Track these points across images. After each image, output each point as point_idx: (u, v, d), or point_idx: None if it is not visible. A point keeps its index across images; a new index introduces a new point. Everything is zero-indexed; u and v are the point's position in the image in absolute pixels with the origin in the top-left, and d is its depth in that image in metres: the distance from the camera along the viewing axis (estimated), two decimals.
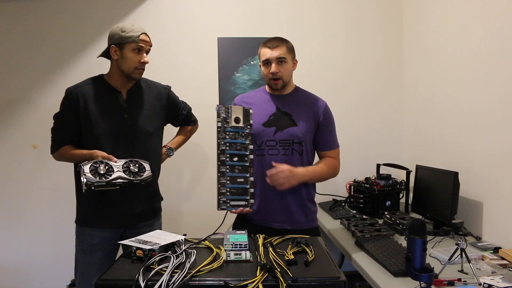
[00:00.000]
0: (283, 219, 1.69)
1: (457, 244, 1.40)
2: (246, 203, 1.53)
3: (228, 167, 1.51)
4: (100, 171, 1.50)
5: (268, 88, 1.79)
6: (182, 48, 2.67)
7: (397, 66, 2.79)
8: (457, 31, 2.12)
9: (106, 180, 1.50)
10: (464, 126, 2.05)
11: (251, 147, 1.57)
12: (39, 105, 2.58)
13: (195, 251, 1.24)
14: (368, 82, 2.78)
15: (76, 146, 1.69)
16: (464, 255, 1.38)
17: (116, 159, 1.57)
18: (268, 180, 1.59)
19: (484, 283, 1.29)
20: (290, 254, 1.22)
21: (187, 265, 1.13)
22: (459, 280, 1.33)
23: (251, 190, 1.55)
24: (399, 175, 2.54)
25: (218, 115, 1.52)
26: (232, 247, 1.26)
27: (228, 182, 1.51)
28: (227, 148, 1.53)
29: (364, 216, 2.19)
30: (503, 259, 1.53)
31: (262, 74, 1.75)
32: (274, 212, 1.69)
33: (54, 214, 2.61)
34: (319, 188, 1.85)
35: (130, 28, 1.64)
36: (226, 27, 2.68)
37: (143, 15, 2.64)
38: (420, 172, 2.22)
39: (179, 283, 1.03)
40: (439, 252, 1.59)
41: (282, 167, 1.59)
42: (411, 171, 2.34)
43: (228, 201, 1.50)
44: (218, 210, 1.51)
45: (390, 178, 2.38)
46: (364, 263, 1.55)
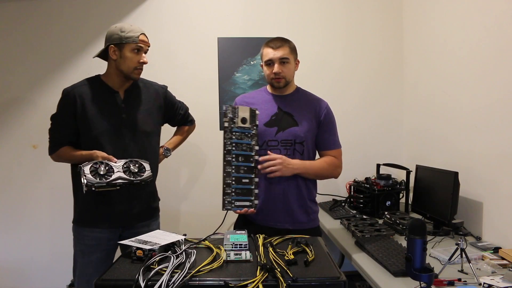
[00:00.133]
0: (285, 219, 1.69)
1: (457, 244, 1.40)
2: (251, 203, 1.53)
3: (233, 168, 1.51)
4: (100, 172, 1.50)
5: (270, 88, 1.79)
6: (182, 48, 2.67)
7: (397, 66, 2.79)
8: (457, 31, 2.12)
9: (107, 181, 1.49)
10: (464, 126, 2.05)
11: (257, 147, 1.58)
12: (39, 105, 2.58)
13: (195, 251, 1.24)
14: (368, 82, 2.78)
15: (74, 147, 1.68)
16: (464, 255, 1.39)
17: (116, 159, 1.58)
18: (259, 167, 1.58)
19: (484, 283, 1.29)
20: (290, 254, 1.22)
21: (187, 265, 1.13)
22: (459, 280, 1.33)
23: (256, 191, 1.55)
24: (399, 175, 2.54)
25: (225, 115, 1.52)
26: (232, 247, 1.26)
27: (233, 183, 1.51)
28: (233, 148, 1.52)
29: (364, 216, 2.19)
30: (503, 259, 1.53)
31: (264, 74, 1.76)
32: (276, 212, 1.69)
33: (54, 214, 2.62)
34: (319, 188, 1.85)
35: (129, 28, 1.64)
36: (226, 27, 2.68)
37: (143, 15, 2.64)
38: (420, 172, 2.22)
39: (179, 283, 1.03)
40: (439, 252, 1.59)
41: (275, 155, 1.59)
42: (411, 171, 2.34)
43: (233, 201, 1.51)
44: (223, 210, 1.51)
45: (390, 178, 2.38)
46: (364, 263, 1.55)
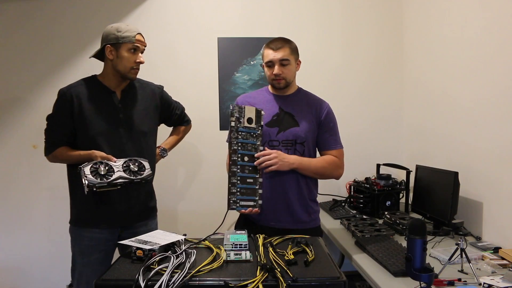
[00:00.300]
0: (286, 219, 1.69)
1: (457, 244, 1.40)
2: (255, 203, 1.53)
3: (239, 167, 1.52)
4: (101, 172, 1.50)
5: (271, 88, 1.79)
6: (182, 48, 2.67)
7: (397, 64, 2.78)
8: (458, 26, 2.10)
9: (108, 180, 1.50)
10: (464, 126, 2.05)
11: (261, 148, 1.58)
12: (39, 105, 2.58)
13: (195, 251, 1.24)
14: (367, 80, 2.77)
15: (70, 147, 1.68)
16: (464, 255, 1.38)
17: (116, 159, 1.58)
18: (255, 163, 1.57)
19: (484, 283, 1.29)
20: (290, 254, 1.22)
21: (187, 265, 1.13)
22: (459, 280, 1.33)
23: (260, 191, 1.55)
24: (399, 175, 2.54)
25: (232, 115, 1.53)
26: (232, 247, 1.26)
27: (238, 182, 1.51)
28: (239, 148, 1.53)
29: (364, 216, 2.19)
30: (503, 259, 1.53)
31: (265, 74, 1.76)
32: (277, 212, 1.68)
33: (54, 214, 2.62)
34: (319, 188, 1.84)
35: (125, 28, 1.64)
36: (226, 27, 2.68)
37: (143, 15, 2.64)
38: (420, 172, 2.22)
39: (179, 283, 1.03)
40: (439, 252, 1.59)
41: (270, 150, 1.59)
42: (411, 171, 2.34)
43: (238, 201, 1.51)
44: (228, 209, 1.51)
45: (390, 178, 2.38)
46: (364, 263, 1.55)
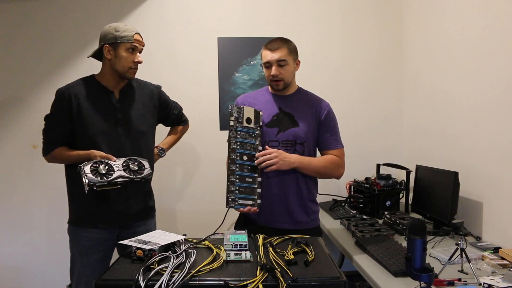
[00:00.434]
0: (285, 219, 1.69)
1: (457, 244, 1.40)
2: (253, 202, 1.53)
3: (238, 166, 1.52)
4: (101, 171, 1.50)
5: (271, 88, 1.79)
6: (182, 48, 2.67)
7: (397, 64, 2.78)
8: (458, 25, 2.10)
9: (108, 179, 1.50)
10: (464, 126, 2.05)
11: (260, 148, 1.59)
12: (39, 105, 2.58)
13: (195, 251, 1.24)
14: (367, 79, 2.77)
15: (69, 147, 1.68)
16: (464, 255, 1.38)
17: (115, 158, 1.58)
18: (255, 162, 1.57)
19: (484, 283, 1.29)
20: (290, 254, 1.23)
21: (187, 265, 1.13)
22: (459, 280, 1.33)
23: (259, 190, 1.55)
24: (399, 175, 2.54)
25: (231, 114, 1.54)
26: (232, 247, 1.26)
27: (237, 181, 1.51)
28: (238, 147, 1.54)
29: (364, 216, 2.19)
30: (503, 259, 1.53)
31: (264, 75, 1.76)
32: (276, 213, 1.68)
33: (54, 214, 2.62)
34: (319, 188, 1.84)
35: (124, 28, 1.64)
36: (226, 27, 2.68)
37: (143, 15, 2.64)
38: (420, 172, 2.22)
39: (179, 283, 1.03)
40: (439, 252, 1.59)
41: (271, 149, 1.59)
42: (411, 171, 2.34)
43: (236, 199, 1.51)
44: (226, 207, 1.52)
45: (390, 178, 2.38)
46: (364, 263, 1.55)
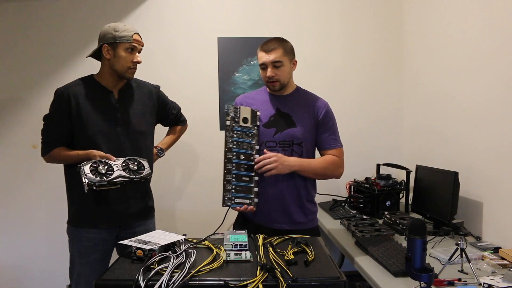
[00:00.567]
0: (283, 219, 1.68)
1: (457, 244, 1.40)
2: (250, 201, 1.53)
3: (234, 165, 1.53)
4: (101, 170, 1.50)
5: (269, 88, 1.79)
6: (182, 48, 2.67)
7: (397, 64, 2.78)
8: (458, 25, 2.10)
9: (108, 179, 1.50)
10: (465, 126, 2.05)
11: (257, 147, 1.59)
12: (39, 105, 2.57)
13: (195, 251, 1.24)
14: (367, 79, 2.77)
15: (68, 147, 1.68)
16: (464, 255, 1.38)
17: (115, 158, 1.58)
18: (255, 167, 1.56)
19: (484, 283, 1.29)
20: (290, 254, 1.22)
21: (187, 265, 1.13)
22: (459, 280, 1.33)
23: (256, 189, 1.55)
24: (399, 175, 2.54)
25: (227, 114, 1.55)
26: (232, 247, 1.26)
27: (233, 180, 1.52)
28: (234, 146, 1.54)
29: (364, 216, 2.19)
30: (503, 259, 1.53)
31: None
32: (273, 213, 1.68)
33: (54, 214, 2.62)
34: (319, 188, 1.84)
35: (123, 27, 1.64)
36: (226, 27, 2.68)
37: (143, 15, 2.64)
38: (420, 172, 2.22)
39: (179, 283, 1.03)
40: (439, 252, 1.59)
41: (270, 153, 1.57)
42: (411, 171, 2.34)
43: (233, 198, 1.52)
44: (223, 206, 1.52)
45: (390, 178, 2.38)
46: (364, 263, 1.55)
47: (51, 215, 2.63)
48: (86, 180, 1.45)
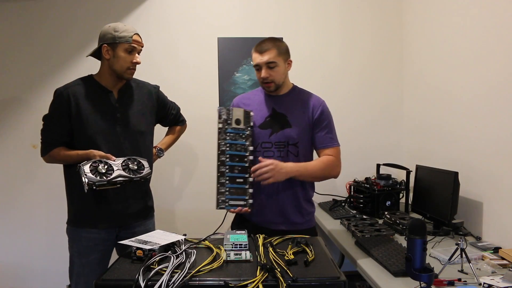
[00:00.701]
0: (279, 220, 1.67)
1: (457, 244, 1.40)
2: (245, 203, 1.53)
3: (227, 167, 1.52)
4: (101, 170, 1.50)
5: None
6: (183, 47, 2.67)
7: (396, 61, 2.77)
8: (459, 21, 2.09)
9: (107, 179, 1.50)
10: (465, 125, 2.05)
11: (251, 148, 1.57)
12: (39, 105, 2.57)
13: (195, 251, 1.24)
14: (366, 77, 2.76)
15: (67, 147, 1.68)
16: (464, 255, 1.38)
17: (115, 157, 1.58)
18: (252, 176, 1.54)
19: (484, 283, 1.29)
20: (290, 254, 1.22)
21: (187, 265, 1.13)
22: (459, 280, 1.33)
23: (250, 191, 1.54)
24: (399, 175, 2.54)
25: (219, 117, 1.54)
26: (232, 247, 1.26)
27: (227, 182, 1.51)
28: (227, 148, 1.53)
29: (364, 216, 2.19)
30: (503, 259, 1.53)
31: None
32: (270, 214, 1.67)
33: (54, 214, 2.61)
34: (319, 188, 1.84)
35: (123, 28, 1.64)
36: (226, 27, 2.68)
37: (143, 15, 2.64)
38: (420, 172, 2.22)
39: (179, 283, 1.03)
40: (439, 252, 1.59)
41: (266, 161, 1.54)
42: (411, 171, 2.34)
43: (227, 200, 1.51)
44: (216, 209, 1.51)
45: (390, 178, 2.38)
46: (364, 263, 1.55)
47: (51, 215, 2.63)
48: (86, 180, 1.45)
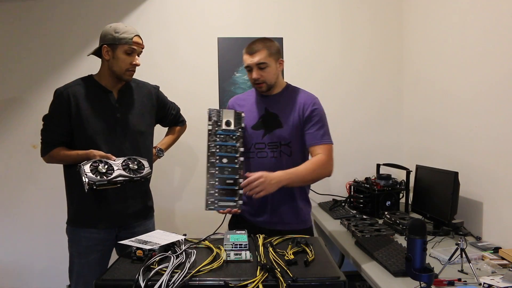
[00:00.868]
0: (273, 220, 1.67)
1: (457, 244, 1.40)
2: (235, 204, 1.51)
3: (217, 169, 1.51)
4: (101, 170, 1.50)
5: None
6: (183, 47, 2.67)
7: (396, 61, 2.77)
8: (459, 20, 2.08)
9: (108, 178, 1.50)
10: (465, 125, 2.05)
11: (242, 149, 1.55)
12: (38, 105, 2.57)
13: (195, 251, 1.24)
14: (365, 77, 2.76)
15: (67, 147, 1.68)
16: (464, 255, 1.38)
17: (115, 157, 1.58)
18: (243, 191, 1.50)
19: (484, 283, 1.29)
20: (290, 254, 1.22)
21: (187, 265, 1.13)
22: (459, 280, 1.33)
23: (240, 192, 1.53)
24: (399, 175, 2.54)
25: (209, 118, 1.54)
26: (232, 247, 1.26)
27: (217, 183, 1.51)
28: (217, 150, 1.53)
29: (364, 216, 2.19)
30: (503, 259, 1.53)
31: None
32: (265, 214, 1.67)
33: (54, 214, 2.61)
34: (319, 188, 1.84)
35: (123, 29, 1.63)
36: (226, 27, 2.68)
37: (143, 15, 2.64)
38: (420, 172, 2.22)
39: (179, 283, 1.03)
40: (439, 252, 1.59)
41: (255, 174, 1.48)
42: (411, 171, 2.34)
43: (216, 201, 1.50)
44: (205, 210, 1.51)
45: (390, 178, 2.38)
46: (364, 263, 1.55)
47: (50, 215, 2.62)
48: (87, 180, 1.45)
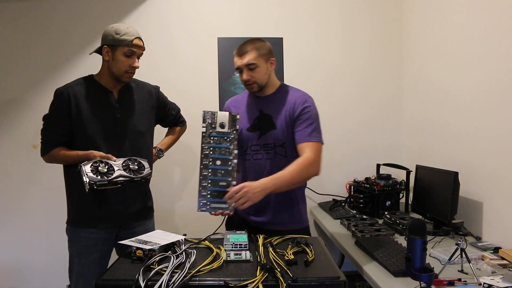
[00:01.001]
0: (270, 219, 1.66)
1: (457, 244, 1.40)
2: (227, 206, 1.50)
3: (210, 171, 1.51)
4: (101, 170, 1.50)
5: None
6: (183, 47, 2.67)
7: (396, 61, 2.77)
8: (459, 20, 2.08)
9: (108, 179, 1.50)
10: (465, 125, 2.05)
11: (236, 152, 1.54)
12: (38, 106, 2.57)
13: (195, 251, 1.24)
14: (365, 77, 2.76)
15: (67, 147, 1.68)
16: (464, 255, 1.38)
17: (115, 158, 1.58)
18: (228, 204, 1.47)
19: (484, 283, 1.29)
20: (290, 254, 1.23)
21: (187, 265, 1.13)
22: (459, 280, 1.33)
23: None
24: (399, 175, 2.54)
25: (204, 121, 1.53)
26: (232, 247, 1.26)
27: (209, 185, 1.50)
28: (211, 152, 1.52)
29: (364, 216, 2.20)
30: (503, 259, 1.53)
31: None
32: (262, 214, 1.67)
33: (54, 214, 2.61)
34: (319, 188, 1.84)
35: (124, 31, 1.63)
36: (226, 27, 2.68)
37: (143, 15, 2.64)
38: (420, 172, 2.22)
39: (179, 283, 1.03)
40: (439, 252, 1.59)
41: (237, 187, 1.44)
42: (411, 171, 2.34)
43: (208, 203, 1.49)
44: (198, 211, 1.50)
45: (390, 178, 2.38)
46: (364, 263, 1.55)
47: (51, 215, 2.62)
48: (87, 180, 1.46)
